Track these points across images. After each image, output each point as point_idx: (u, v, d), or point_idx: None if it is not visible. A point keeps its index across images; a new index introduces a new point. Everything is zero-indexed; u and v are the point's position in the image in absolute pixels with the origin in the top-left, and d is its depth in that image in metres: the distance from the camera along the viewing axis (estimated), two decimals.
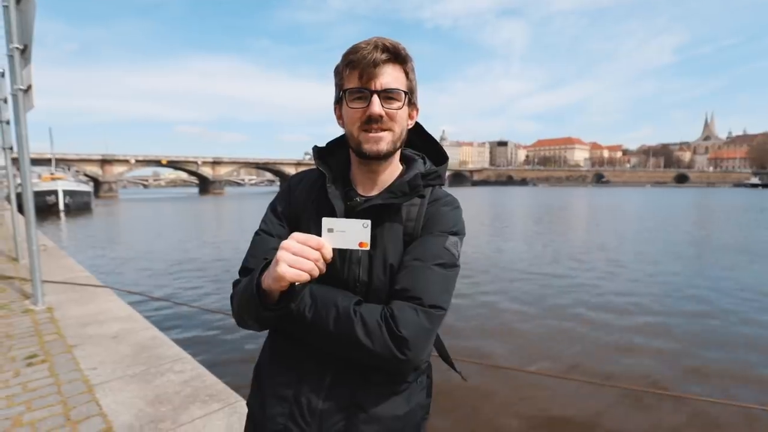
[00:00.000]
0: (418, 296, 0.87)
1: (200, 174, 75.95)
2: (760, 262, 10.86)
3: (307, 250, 0.77)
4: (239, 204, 43.42)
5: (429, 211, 0.98)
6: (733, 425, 3.56)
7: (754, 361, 4.89)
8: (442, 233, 0.95)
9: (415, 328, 0.84)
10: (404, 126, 0.97)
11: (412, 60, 0.96)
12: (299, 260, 0.76)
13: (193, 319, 6.18)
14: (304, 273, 0.76)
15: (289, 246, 0.77)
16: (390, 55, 0.91)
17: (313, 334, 0.88)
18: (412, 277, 0.89)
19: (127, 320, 4.25)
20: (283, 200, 1.06)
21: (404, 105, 0.94)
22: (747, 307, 6.93)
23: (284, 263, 0.76)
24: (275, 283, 0.79)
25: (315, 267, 0.77)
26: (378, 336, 0.83)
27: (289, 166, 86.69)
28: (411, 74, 0.96)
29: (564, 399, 3.95)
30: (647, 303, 7.20)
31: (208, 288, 8.24)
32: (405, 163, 1.05)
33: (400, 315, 0.84)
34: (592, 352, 5.15)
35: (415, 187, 0.95)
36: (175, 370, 3.11)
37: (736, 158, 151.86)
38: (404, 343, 0.82)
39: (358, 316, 0.84)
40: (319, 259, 0.77)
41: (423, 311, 0.86)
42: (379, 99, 0.90)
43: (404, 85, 0.94)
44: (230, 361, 4.79)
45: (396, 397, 0.93)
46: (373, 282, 0.93)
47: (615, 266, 10.29)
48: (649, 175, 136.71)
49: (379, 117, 0.90)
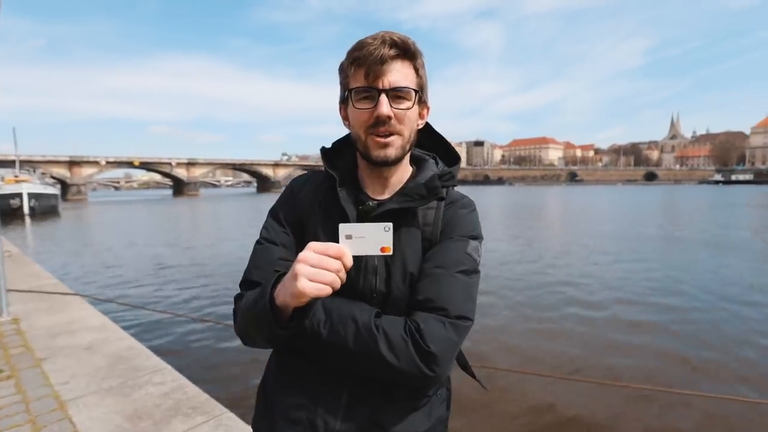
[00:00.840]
0: (443, 307, 0.81)
1: (174, 175, 74.16)
2: (736, 255, 11.31)
3: (328, 261, 0.69)
4: (215, 206, 42.49)
5: (447, 214, 0.92)
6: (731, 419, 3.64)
7: (749, 356, 5.02)
8: (463, 238, 0.90)
9: (444, 342, 0.78)
10: (414, 127, 0.90)
11: (422, 55, 0.89)
12: (320, 273, 0.69)
13: (172, 327, 5.93)
14: (325, 287, 0.69)
15: (307, 258, 0.70)
16: (398, 50, 0.84)
17: (330, 352, 0.81)
18: (435, 286, 0.83)
19: (100, 330, 4.05)
20: (286, 205, 0.98)
21: (414, 104, 0.87)
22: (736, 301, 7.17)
23: (304, 277, 0.68)
24: (293, 300, 0.71)
25: (336, 279, 0.70)
26: (404, 352, 0.77)
27: (266, 167, 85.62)
28: (421, 70, 0.89)
29: (564, 399, 3.96)
30: (636, 299, 7.35)
31: (187, 294, 7.96)
32: (415, 164, 0.99)
33: (426, 328, 0.78)
34: (590, 350, 5.21)
35: (433, 189, 0.88)
36: (155, 382, 2.97)
37: (701, 156, 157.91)
38: (433, 359, 0.77)
39: (380, 331, 0.78)
40: (341, 269, 0.70)
41: (450, 323, 0.80)
42: (387, 99, 0.83)
43: (414, 83, 0.87)
44: (213, 371, 4.61)
45: (417, 412, 0.88)
46: (392, 292, 0.86)
47: (604, 262, 10.52)
48: (620, 174, 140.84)
49: (387, 118, 0.84)
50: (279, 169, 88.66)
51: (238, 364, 4.69)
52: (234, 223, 24.57)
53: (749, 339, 5.42)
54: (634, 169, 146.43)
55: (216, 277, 9.29)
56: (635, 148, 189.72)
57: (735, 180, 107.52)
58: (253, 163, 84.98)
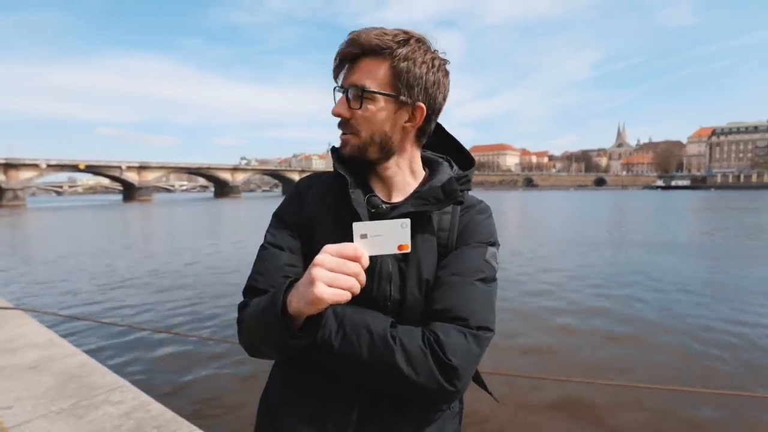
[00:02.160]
0: (463, 317, 0.76)
1: (124, 180, 70.31)
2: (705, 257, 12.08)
3: (346, 264, 0.64)
4: (170, 211, 40.59)
5: (463, 219, 0.88)
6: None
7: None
8: (481, 244, 0.86)
9: (465, 354, 0.74)
10: (383, 130, 0.83)
11: (404, 50, 0.80)
12: (338, 277, 0.64)
13: (130, 340, 5.52)
14: (345, 292, 0.64)
15: (324, 261, 0.64)
16: (362, 49, 0.80)
17: (342, 364, 0.75)
18: (454, 295, 0.79)
19: (47, 346, 3.69)
20: (293, 208, 0.92)
21: (378, 105, 0.81)
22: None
23: (321, 283, 0.63)
24: (309, 307, 0.66)
25: (356, 283, 0.65)
26: (423, 365, 0.71)
27: (224, 172, 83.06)
28: (402, 67, 0.80)
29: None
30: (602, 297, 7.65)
31: (144, 305, 7.46)
32: (428, 167, 0.94)
33: (447, 340, 0.73)
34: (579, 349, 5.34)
35: (451, 193, 0.83)
36: (113, 401, 2.72)
37: (645, 163, 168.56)
38: (454, 372, 0.72)
39: (397, 342, 0.73)
40: (360, 272, 0.65)
41: (472, 335, 0.76)
42: (347, 97, 0.81)
43: (383, 83, 0.80)
44: (178, 385, 4.31)
45: (429, 427, 0.83)
46: (407, 300, 0.81)
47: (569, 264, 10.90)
48: (572, 179, 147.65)
49: (337, 116, 0.83)
50: (238, 173, 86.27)
51: (204, 378, 4.44)
52: (189, 227, 23.53)
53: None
54: (585, 175, 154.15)
55: (175, 287, 8.81)
56: (586, 155, 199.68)
57: (674, 185, 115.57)
58: (211, 167, 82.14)
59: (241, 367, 4.57)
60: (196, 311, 6.99)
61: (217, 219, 30.03)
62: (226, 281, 9.15)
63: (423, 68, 0.81)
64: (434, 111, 0.87)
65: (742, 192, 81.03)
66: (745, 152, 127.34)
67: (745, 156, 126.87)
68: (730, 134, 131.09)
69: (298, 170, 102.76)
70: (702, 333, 5.73)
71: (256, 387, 4.07)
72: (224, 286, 8.68)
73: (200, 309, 7.10)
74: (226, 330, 5.92)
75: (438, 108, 0.88)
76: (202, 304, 7.38)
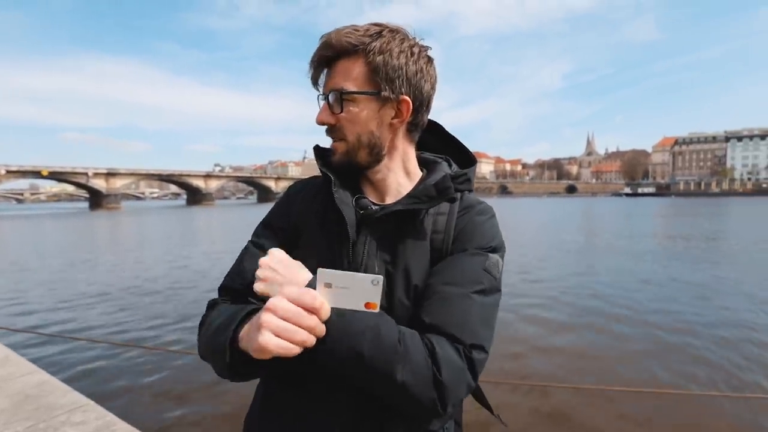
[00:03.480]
0: (455, 334, 0.69)
1: (91, 187, 67.68)
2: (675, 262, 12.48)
3: (301, 316, 0.58)
4: (139, 219, 39.28)
5: (460, 221, 0.81)
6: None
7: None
8: (480, 250, 0.78)
9: (457, 374, 0.67)
10: (369, 130, 0.78)
11: (378, 43, 0.75)
12: (289, 329, 0.58)
13: (94, 355, 5.21)
14: (293, 346, 0.58)
15: (277, 308, 0.58)
16: (333, 51, 0.76)
17: (332, 357, 0.65)
18: (447, 309, 0.71)
19: (2, 364, 3.43)
20: (280, 212, 0.89)
21: (360, 105, 0.77)
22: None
23: (268, 332, 0.57)
24: (255, 353, 0.60)
25: (310, 337, 0.59)
26: (423, 373, 0.64)
27: (197, 179, 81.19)
28: (375, 62, 0.75)
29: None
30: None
31: (109, 317, 7.09)
32: (425, 167, 0.90)
33: (442, 354, 0.66)
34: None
35: (444, 190, 0.78)
36: (74, 422, 2.53)
37: (613, 171, 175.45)
38: (445, 390, 0.65)
39: (402, 344, 0.65)
40: (316, 326, 0.59)
41: (466, 356, 0.68)
42: (328, 103, 0.77)
43: (362, 82, 0.76)
44: (147, 402, 4.07)
45: None
46: (394, 308, 0.75)
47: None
48: (545, 187, 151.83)
49: (322, 124, 0.79)
50: (211, 180, 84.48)
51: (173, 393, 4.22)
52: (160, 234, 22.76)
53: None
54: (557, 183, 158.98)
55: (142, 299, 8.42)
56: (558, 163, 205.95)
57: (641, 193, 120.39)
58: (183, 173, 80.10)
59: (211, 381, 4.38)
60: (163, 324, 6.68)
61: (189, 228, 29.20)
62: (198, 293, 8.85)
63: (401, 59, 0.76)
64: (422, 102, 0.81)
65: (702, 199, 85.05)
66: (705, 161, 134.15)
67: (705, 164, 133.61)
68: (691, 144, 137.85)
69: (274, 177, 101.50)
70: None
71: (228, 401, 3.92)
72: (196, 297, 8.39)
73: (168, 322, 6.79)
74: (195, 342, 5.68)
75: (426, 98, 0.81)
76: (169, 317, 7.07)
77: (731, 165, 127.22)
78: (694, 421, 3.71)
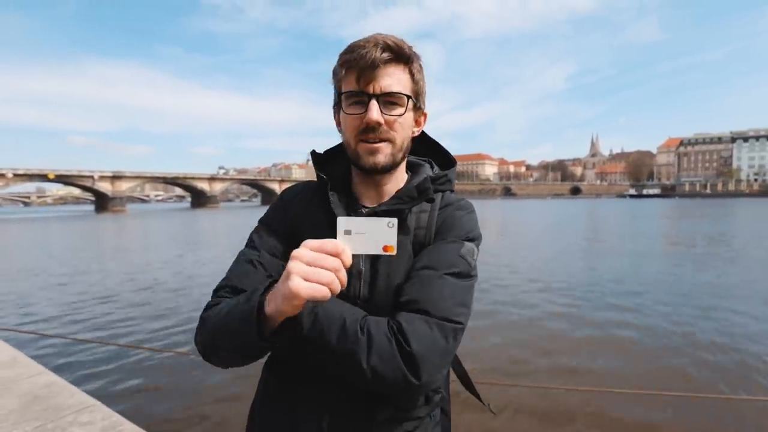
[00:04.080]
0: (427, 309, 0.74)
1: (97, 190, 68.18)
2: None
3: (325, 259, 0.62)
4: (145, 222, 39.53)
5: (441, 216, 0.89)
6: None
7: None
8: (457, 239, 0.85)
9: (428, 343, 0.71)
10: (407, 135, 0.87)
11: (419, 59, 0.86)
12: (316, 272, 0.61)
13: (101, 357, 5.28)
14: (322, 287, 0.61)
15: (302, 255, 0.62)
16: (392, 54, 0.81)
17: (311, 348, 0.74)
18: (421, 288, 0.77)
19: (9, 365, 3.49)
20: (277, 215, 0.94)
21: (407, 111, 0.84)
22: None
23: (297, 276, 0.61)
24: (286, 304, 0.63)
25: (335, 279, 0.62)
26: (387, 353, 0.69)
27: (201, 181, 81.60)
28: (417, 75, 0.86)
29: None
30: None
31: (116, 319, 7.18)
32: (411, 170, 0.97)
33: (409, 328, 0.71)
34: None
35: (424, 191, 0.86)
36: (82, 422, 2.57)
37: (617, 172, 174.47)
38: (416, 361, 0.69)
39: (365, 331, 0.71)
40: (340, 268, 0.62)
41: (437, 324, 0.73)
42: (378, 104, 0.80)
43: (408, 88, 0.84)
44: (153, 402, 4.13)
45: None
46: (375, 298, 0.81)
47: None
48: (549, 188, 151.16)
49: (377, 125, 0.81)
50: (216, 183, 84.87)
51: (179, 393, 4.28)
52: (168, 237, 22.89)
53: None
54: (561, 184, 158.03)
55: (148, 301, 8.52)
56: (561, 164, 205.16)
57: (646, 194, 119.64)
58: (187, 176, 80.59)
59: (217, 382, 4.42)
60: (170, 326, 6.75)
61: (195, 231, 29.36)
62: (206, 295, 8.90)
63: (423, 76, 0.88)
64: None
65: (708, 200, 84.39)
66: (710, 162, 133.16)
67: (711, 165, 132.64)
68: (697, 144, 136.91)
69: (278, 180, 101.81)
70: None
71: (232, 400, 3.97)
72: (203, 300, 8.45)
73: (175, 323, 6.87)
74: None
75: None
76: (176, 318, 7.15)
77: (737, 166, 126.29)
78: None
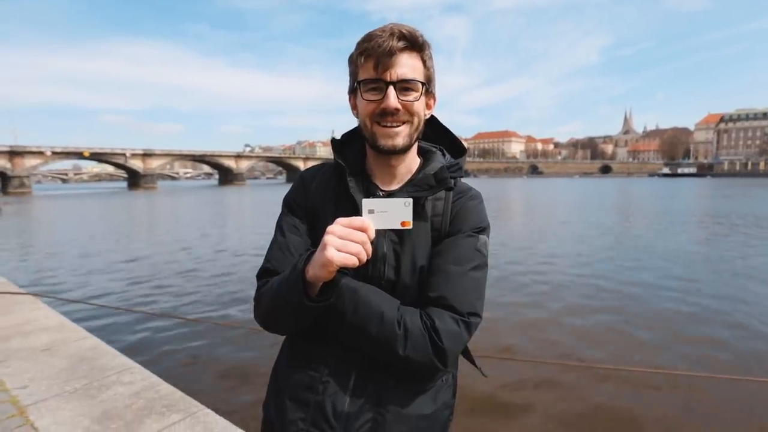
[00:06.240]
0: (456, 306, 0.87)
1: (129, 167, 70.42)
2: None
3: (353, 233, 0.76)
4: (176, 199, 40.82)
5: (456, 205, 0.96)
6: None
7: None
8: (473, 232, 0.94)
9: (455, 339, 0.85)
10: (422, 117, 0.94)
11: (429, 47, 0.94)
12: (346, 244, 0.75)
13: (138, 325, 5.67)
14: (352, 256, 0.75)
15: (335, 230, 0.76)
16: (407, 42, 0.88)
17: (350, 333, 0.86)
18: (448, 284, 0.88)
19: (58, 330, 3.82)
20: (298, 195, 1.02)
21: (422, 95, 0.91)
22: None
23: (332, 247, 0.75)
24: (322, 270, 0.77)
25: (362, 250, 0.76)
26: (422, 346, 0.83)
27: (228, 159, 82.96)
28: (429, 62, 0.93)
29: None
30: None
31: (152, 290, 7.62)
32: (422, 156, 1.03)
33: (442, 327, 0.84)
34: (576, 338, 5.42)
35: (443, 180, 0.93)
36: (123, 382, 2.84)
37: (651, 151, 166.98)
38: (445, 354, 0.84)
39: (401, 327, 0.83)
40: (366, 241, 0.76)
41: (463, 322, 0.86)
42: (395, 90, 0.88)
43: (422, 75, 0.92)
44: (186, 367, 4.46)
45: (423, 395, 0.92)
46: (401, 281, 0.91)
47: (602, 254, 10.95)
48: (577, 167, 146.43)
49: (395, 110, 0.88)
50: (242, 160, 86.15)
51: (211, 360, 4.58)
52: (198, 215, 23.67)
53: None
54: (590, 162, 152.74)
55: (184, 273, 8.95)
56: (592, 142, 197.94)
57: (680, 173, 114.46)
58: (215, 154, 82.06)
59: (246, 350, 4.70)
60: (204, 296, 7.13)
61: (222, 207, 30.19)
62: (236, 268, 9.28)
63: (433, 63, 0.95)
64: None
65: (747, 179, 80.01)
66: (753, 139, 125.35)
67: (753, 143, 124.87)
68: (739, 121, 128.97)
69: (303, 157, 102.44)
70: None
71: (261, 367, 4.20)
72: (233, 273, 8.82)
73: (208, 294, 7.24)
74: (231, 314, 6.07)
75: None
76: (211, 290, 7.52)
77: None
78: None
